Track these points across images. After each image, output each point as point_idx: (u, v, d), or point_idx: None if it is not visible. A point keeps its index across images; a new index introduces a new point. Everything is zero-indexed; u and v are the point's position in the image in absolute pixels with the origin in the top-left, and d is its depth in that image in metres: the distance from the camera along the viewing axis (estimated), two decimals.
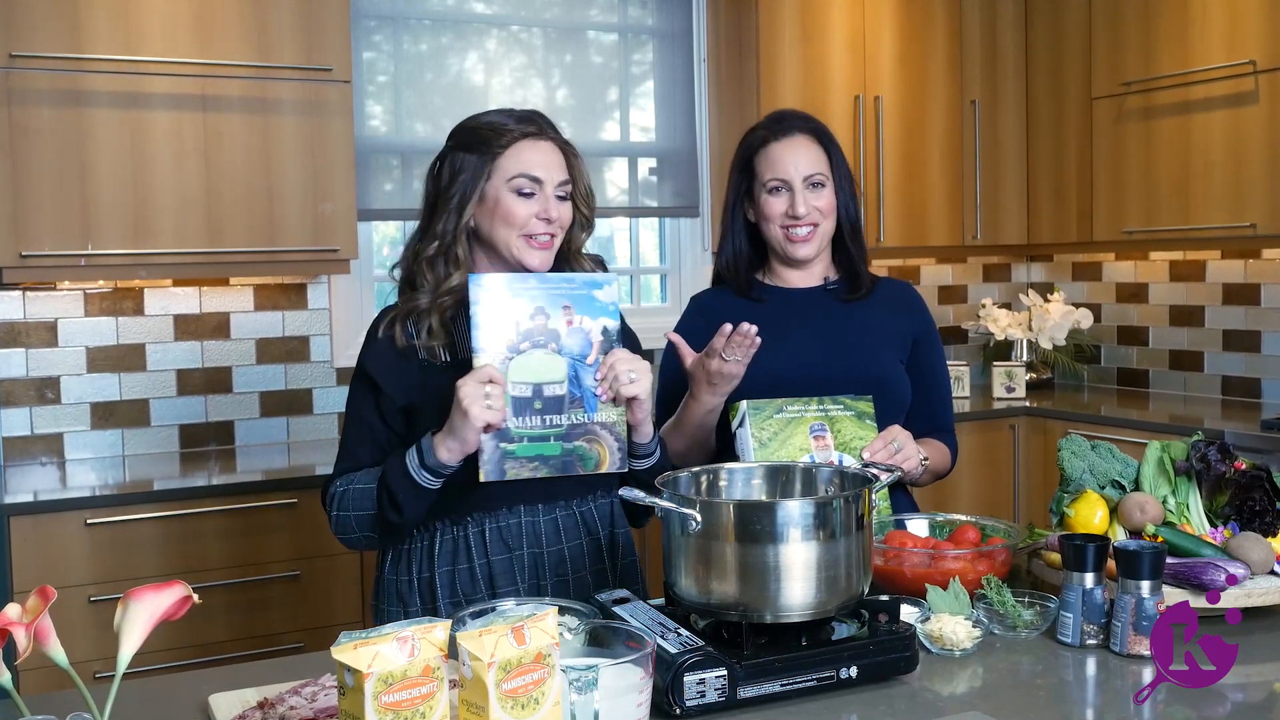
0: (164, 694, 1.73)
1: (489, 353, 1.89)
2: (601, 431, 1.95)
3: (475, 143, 2.05)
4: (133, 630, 1.24)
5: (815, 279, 2.46)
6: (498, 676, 1.26)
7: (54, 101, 3.32)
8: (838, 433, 2.21)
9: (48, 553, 3.12)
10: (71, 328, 3.73)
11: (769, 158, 2.39)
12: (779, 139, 2.39)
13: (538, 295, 1.92)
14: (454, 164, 2.06)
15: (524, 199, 2.03)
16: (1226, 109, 4.04)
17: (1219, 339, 4.57)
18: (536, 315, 1.92)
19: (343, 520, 2.05)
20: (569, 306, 1.94)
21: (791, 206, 2.36)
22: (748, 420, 2.20)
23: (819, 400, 2.23)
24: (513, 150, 2.04)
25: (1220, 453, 2.09)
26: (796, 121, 2.42)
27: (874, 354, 2.39)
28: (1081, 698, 1.69)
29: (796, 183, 2.36)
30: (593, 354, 1.94)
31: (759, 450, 2.18)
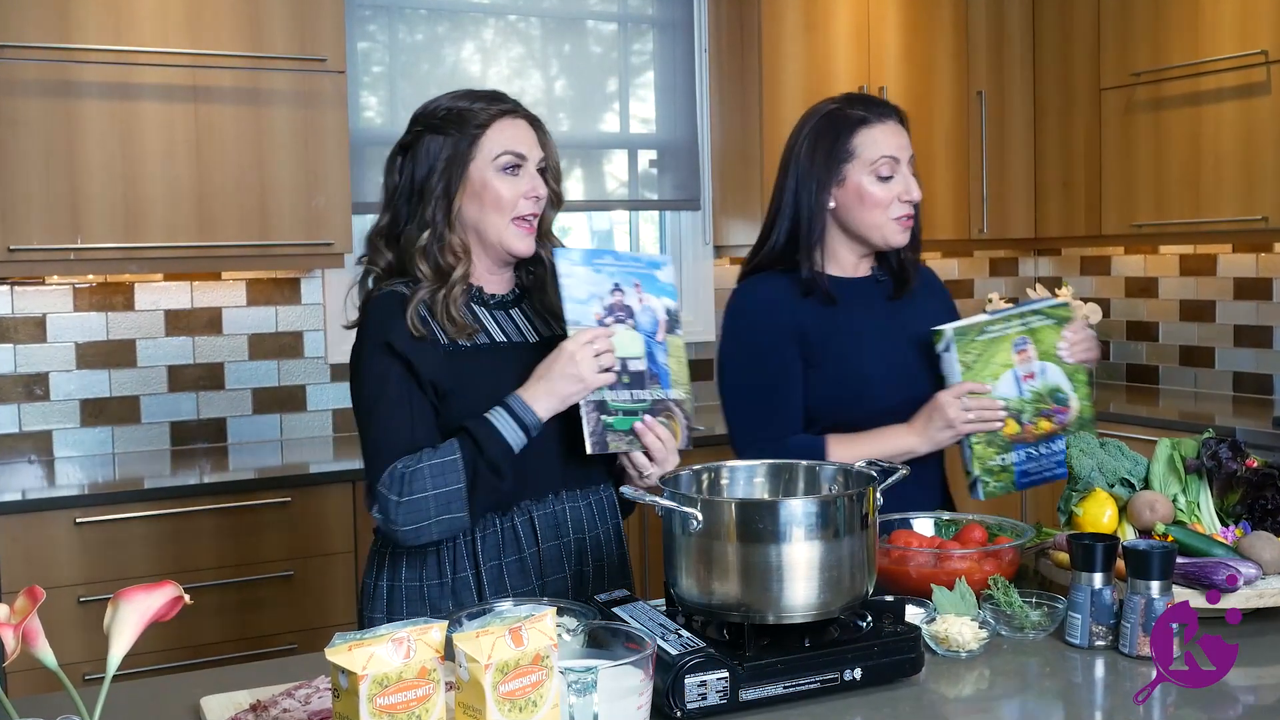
0: (155, 696, 1.73)
1: (581, 324, 1.97)
2: (675, 408, 2.04)
3: (448, 125, 2.03)
4: (123, 631, 1.24)
5: (865, 269, 2.44)
6: (495, 679, 1.26)
7: (42, 92, 3.31)
8: (1039, 342, 2.28)
9: (36, 552, 3.12)
10: (60, 323, 3.73)
11: (874, 138, 2.32)
12: (882, 120, 2.33)
13: (615, 271, 2.01)
14: (429, 150, 2.03)
15: (510, 179, 2.03)
16: (1238, 100, 4.04)
17: (1230, 334, 4.57)
18: (615, 291, 2.01)
19: (415, 505, 1.90)
20: (638, 284, 2.04)
21: (907, 190, 2.32)
22: (953, 346, 2.26)
23: (1019, 315, 2.27)
24: (494, 129, 2.03)
25: (1232, 450, 2.09)
26: (890, 106, 2.37)
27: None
28: (1090, 700, 1.69)
29: (905, 165, 2.33)
30: (660, 332, 2.04)
31: (965, 373, 2.26)
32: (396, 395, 1.96)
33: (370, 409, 1.97)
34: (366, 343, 2.00)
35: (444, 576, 2.03)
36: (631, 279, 2.03)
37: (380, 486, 1.92)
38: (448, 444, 1.93)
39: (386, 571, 2.07)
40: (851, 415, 2.33)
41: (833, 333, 2.33)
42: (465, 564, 2.03)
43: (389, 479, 1.91)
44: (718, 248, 4.67)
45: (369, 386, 1.98)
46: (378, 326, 1.99)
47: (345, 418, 4.09)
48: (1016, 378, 2.27)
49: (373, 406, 1.97)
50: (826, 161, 2.33)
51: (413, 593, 2.04)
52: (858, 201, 2.33)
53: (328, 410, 4.08)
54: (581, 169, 4.50)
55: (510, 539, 2.04)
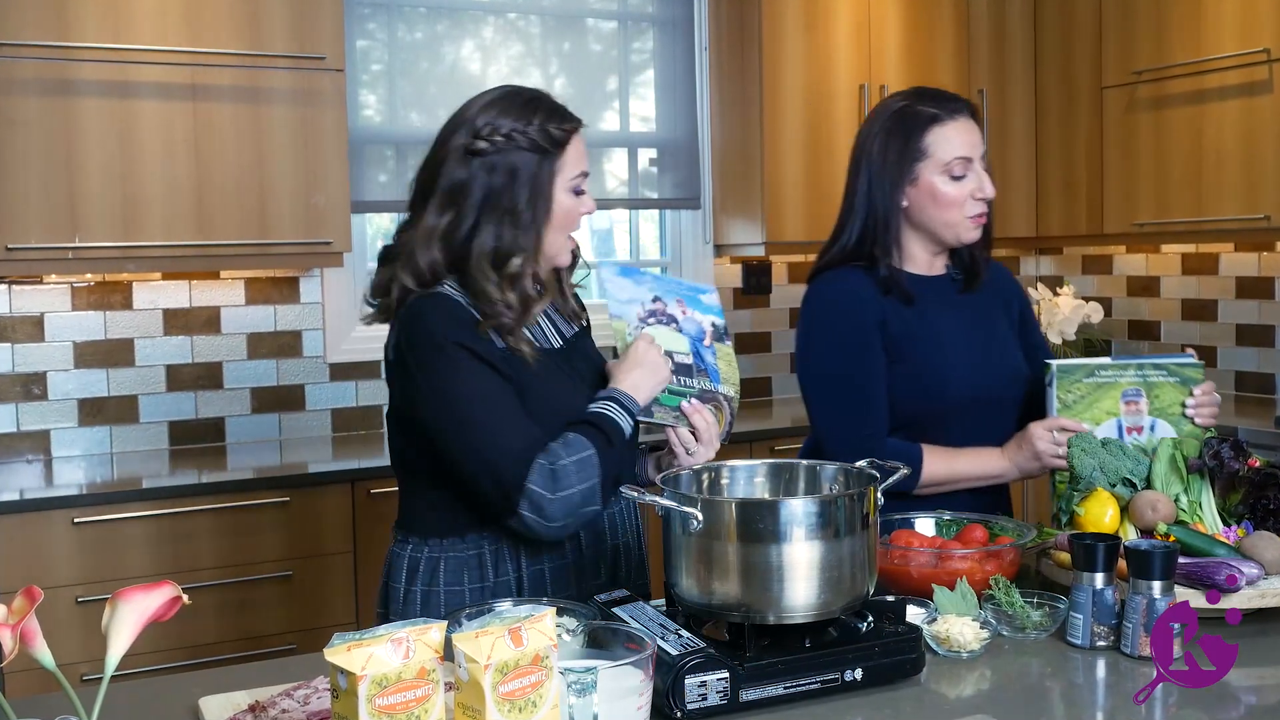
0: (153, 697, 1.72)
1: (625, 318, 2.05)
2: (724, 402, 2.12)
3: (536, 142, 1.96)
4: (121, 632, 1.24)
5: (940, 267, 2.43)
6: (494, 679, 1.25)
7: (40, 91, 3.31)
8: (1155, 398, 2.25)
9: (34, 552, 3.12)
10: (58, 322, 3.73)
11: (947, 136, 2.30)
12: (954, 118, 2.32)
13: (655, 287, 2.10)
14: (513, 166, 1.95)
15: (579, 199, 2.02)
16: (1240, 98, 4.03)
17: (1232, 333, 4.57)
18: (656, 300, 2.10)
19: (568, 501, 1.87)
20: (681, 301, 2.11)
21: (981, 187, 2.31)
22: (1054, 381, 2.25)
23: (1138, 365, 2.25)
24: (572, 145, 2.00)
25: (1234, 450, 2.09)
26: (961, 101, 2.36)
27: (1009, 344, 2.42)
28: (1092, 700, 1.69)
29: (978, 163, 2.32)
30: (707, 339, 2.12)
31: (1062, 411, 2.25)
32: (501, 394, 1.92)
33: (478, 410, 1.90)
34: (444, 346, 1.91)
35: (485, 580, 2.01)
36: (674, 295, 2.12)
37: (531, 485, 1.86)
38: (575, 439, 1.90)
39: (422, 575, 2.02)
40: (928, 411, 2.33)
41: (912, 329, 2.33)
42: (508, 566, 2.01)
43: (539, 477, 1.86)
44: (718, 247, 4.67)
45: (467, 386, 1.90)
46: (453, 330, 1.92)
47: (344, 417, 4.09)
48: (1120, 428, 2.24)
49: (482, 406, 1.90)
50: (899, 161, 2.32)
51: (453, 598, 2.00)
52: (931, 201, 2.32)
53: (326, 410, 4.08)
54: None
55: (555, 542, 2.01)
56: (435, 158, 2.00)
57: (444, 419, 1.91)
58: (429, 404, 1.92)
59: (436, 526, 2.03)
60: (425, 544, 2.04)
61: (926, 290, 2.37)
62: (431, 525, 2.03)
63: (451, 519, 2.01)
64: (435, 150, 2.01)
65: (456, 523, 2.01)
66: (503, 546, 2.01)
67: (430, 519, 2.04)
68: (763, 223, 4.35)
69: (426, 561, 2.03)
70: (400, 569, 2.06)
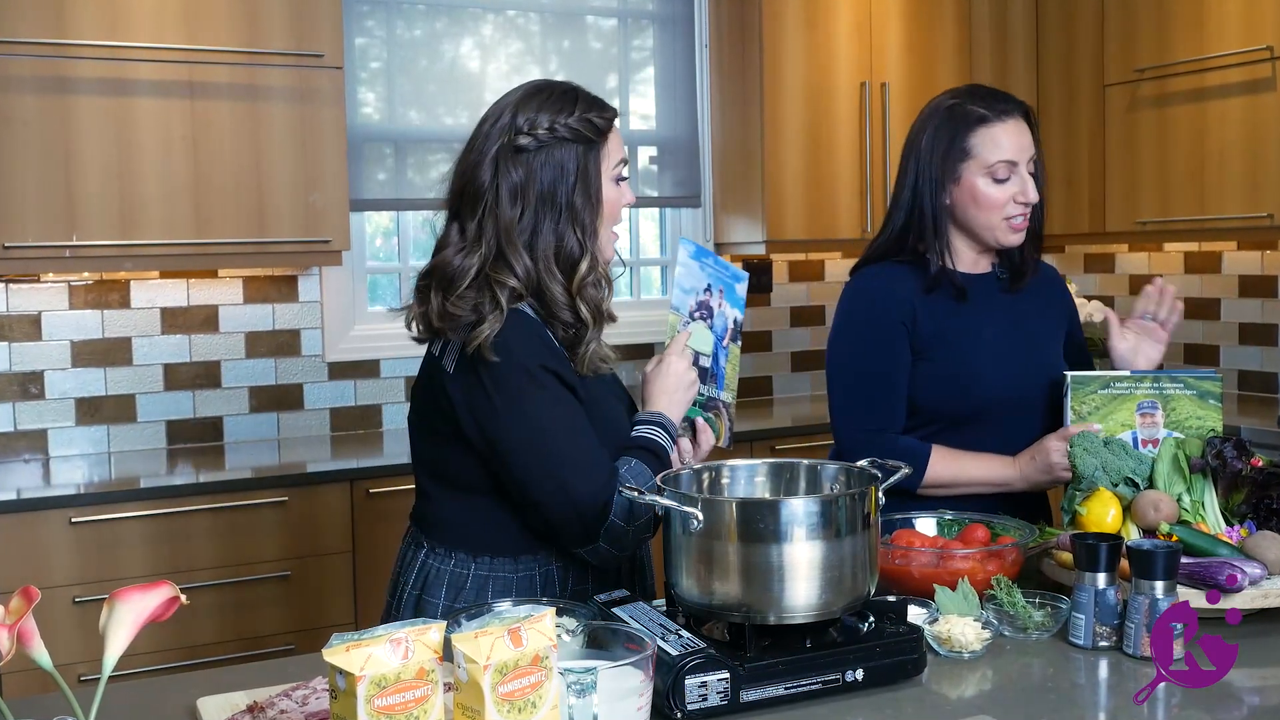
0: (151, 697, 1.72)
1: (680, 312, 2.08)
2: (723, 409, 2.14)
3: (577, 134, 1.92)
4: (119, 632, 1.24)
5: (985, 265, 2.42)
6: (494, 679, 1.25)
7: (37, 89, 3.31)
8: (1170, 411, 2.24)
9: (31, 552, 3.12)
10: (56, 321, 3.73)
11: (994, 138, 2.30)
12: (1003, 120, 2.32)
13: (712, 274, 2.12)
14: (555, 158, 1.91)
15: (621, 187, 2.00)
16: (1243, 96, 4.03)
17: (1235, 332, 4.57)
18: (707, 290, 2.10)
19: (641, 531, 1.89)
20: (721, 290, 2.12)
21: (1023, 192, 2.31)
22: (1069, 392, 2.25)
23: (1154, 377, 2.25)
24: (613, 134, 1.97)
25: (1236, 449, 2.09)
26: (1014, 102, 2.36)
27: (1052, 344, 2.41)
28: (1094, 701, 1.69)
29: (1024, 167, 2.32)
30: (726, 338, 2.14)
31: (1076, 422, 2.24)
32: (583, 422, 1.89)
33: (564, 441, 1.86)
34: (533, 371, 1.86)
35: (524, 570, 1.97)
36: (719, 284, 2.13)
37: (615, 519, 1.85)
38: (639, 468, 1.90)
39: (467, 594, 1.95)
40: (958, 408, 2.33)
41: (949, 325, 2.33)
42: (555, 589, 1.97)
43: (620, 510, 1.85)
44: (718, 245, 4.67)
45: (553, 416, 1.86)
46: (541, 354, 1.88)
47: (343, 416, 4.09)
48: (1135, 440, 2.24)
49: (568, 438, 1.86)
50: (944, 159, 2.32)
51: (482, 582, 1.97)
52: (971, 201, 2.32)
53: (325, 409, 4.08)
54: None
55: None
56: (471, 161, 1.94)
57: (524, 448, 1.86)
58: (510, 429, 1.86)
59: (487, 543, 1.97)
60: (474, 560, 1.97)
61: (971, 288, 2.38)
62: (481, 541, 1.97)
63: (506, 538, 1.96)
64: (469, 154, 1.95)
65: (510, 542, 1.96)
66: (553, 568, 1.98)
67: (480, 534, 1.97)
68: (763, 221, 4.34)
69: (474, 579, 1.96)
70: (440, 584, 1.98)
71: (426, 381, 2.00)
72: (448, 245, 1.94)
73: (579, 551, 1.91)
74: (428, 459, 2.04)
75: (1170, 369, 2.31)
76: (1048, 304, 2.46)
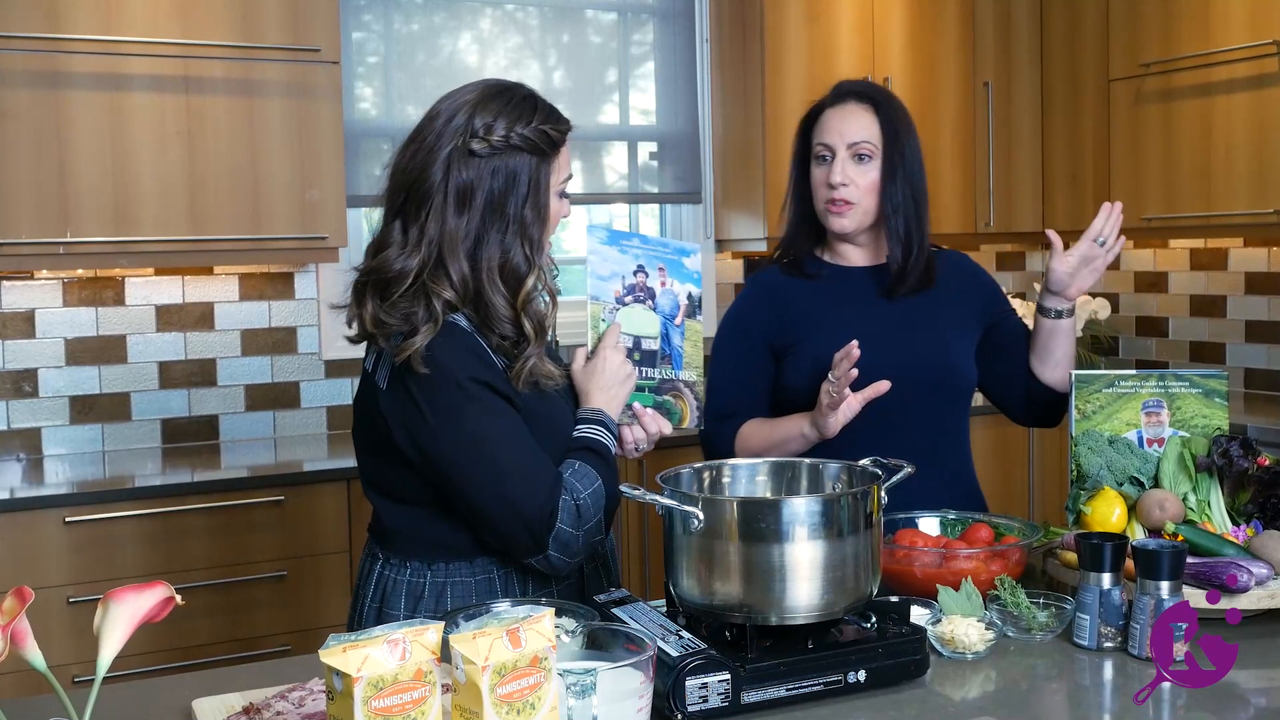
0: (145, 699, 1.72)
1: (600, 300, 2.03)
2: (685, 389, 2.11)
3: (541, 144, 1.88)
4: (113, 633, 1.24)
5: (877, 257, 2.43)
6: (492, 681, 1.25)
7: (31, 83, 3.31)
8: (1176, 409, 2.24)
9: (25, 552, 3.12)
10: (49, 318, 3.73)
11: (820, 124, 2.39)
12: (833, 105, 2.39)
13: (640, 254, 2.08)
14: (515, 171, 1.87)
15: (563, 202, 1.97)
16: (1249, 91, 4.03)
17: (1241, 330, 4.57)
18: (639, 272, 2.07)
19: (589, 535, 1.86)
20: (663, 269, 2.10)
21: (829, 174, 2.34)
22: (1072, 392, 2.25)
23: (1159, 375, 2.24)
24: (565, 149, 1.94)
25: (1243, 448, 2.09)
26: (856, 88, 2.40)
27: (939, 339, 2.39)
28: (1098, 702, 1.69)
29: (840, 150, 2.34)
30: (679, 316, 2.11)
31: (1080, 422, 2.23)
32: (520, 430, 1.85)
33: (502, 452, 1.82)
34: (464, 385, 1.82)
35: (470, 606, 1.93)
36: (657, 262, 2.09)
37: (561, 525, 1.82)
38: (584, 470, 1.87)
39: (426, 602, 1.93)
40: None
41: (813, 319, 2.38)
42: (516, 590, 1.95)
43: (567, 516, 1.83)
44: (719, 241, 4.67)
45: (489, 427, 1.83)
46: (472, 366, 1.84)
47: (339, 415, 4.09)
48: (1140, 439, 2.24)
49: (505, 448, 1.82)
50: (798, 151, 2.44)
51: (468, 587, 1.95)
52: (812, 187, 2.41)
53: (322, 407, 4.08)
54: (580, 161, 4.49)
55: None
56: (420, 161, 1.89)
57: (464, 461, 1.83)
58: (445, 444, 1.83)
59: (439, 550, 1.94)
60: (428, 568, 1.94)
61: (839, 281, 2.42)
62: (433, 548, 1.94)
63: (457, 543, 1.93)
64: (418, 151, 1.90)
65: (462, 547, 1.93)
66: (512, 569, 1.95)
67: (431, 542, 1.94)
68: (764, 217, 4.34)
69: (431, 586, 1.94)
70: (398, 595, 1.95)
71: (363, 396, 1.97)
72: (389, 245, 1.89)
73: (530, 562, 1.87)
74: (370, 473, 2.01)
75: (1176, 367, 2.31)
76: (957, 296, 2.44)
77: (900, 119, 2.37)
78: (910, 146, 2.37)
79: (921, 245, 2.37)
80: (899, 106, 2.40)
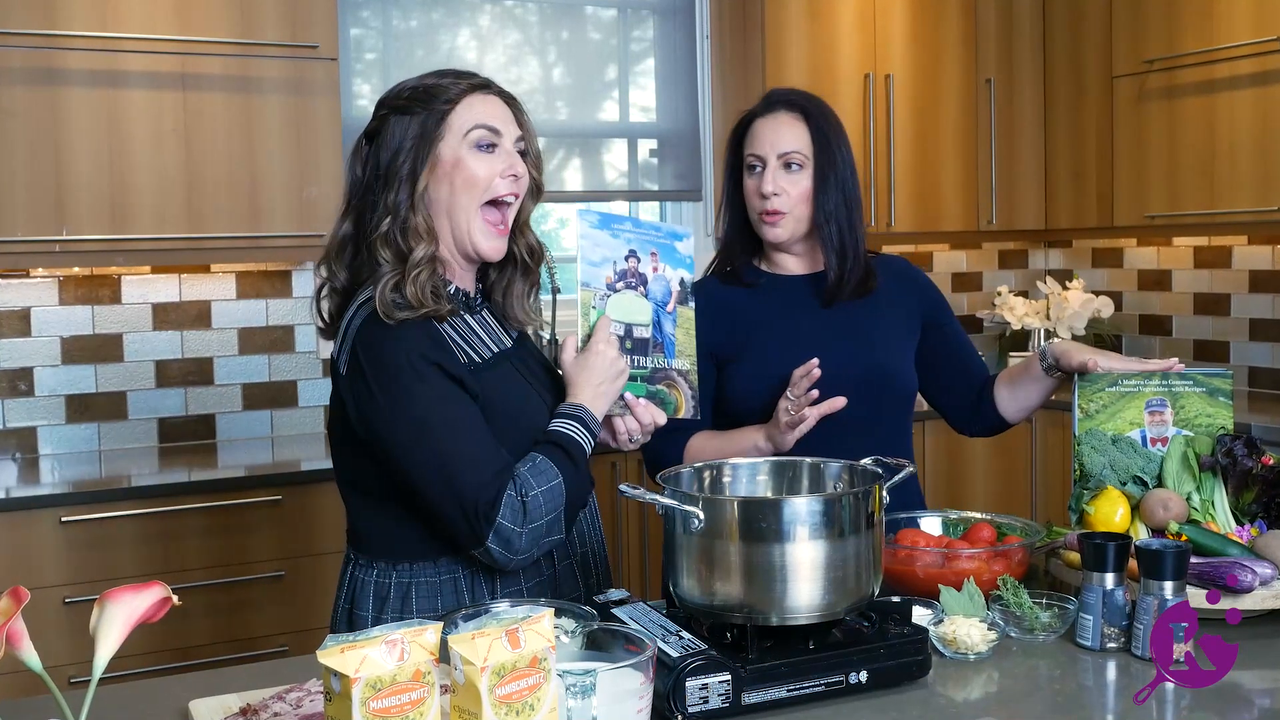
0: (142, 700, 1.72)
1: (592, 286, 2.00)
2: (678, 378, 2.09)
3: (416, 104, 1.91)
4: (109, 633, 1.24)
5: (814, 265, 2.44)
6: (491, 681, 1.25)
7: (27, 80, 3.31)
8: (1180, 408, 2.23)
9: (20, 552, 3.12)
10: (45, 317, 3.72)
11: (751, 134, 2.40)
12: (763, 115, 2.40)
13: (632, 238, 2.05)
14: (394, 133, 1.90)
15: (485, 155, 1.92)
16: (1253, 88, 4.03)
17: (1245, 328, 4.57)
18: (630, 257, 2.05)
19: (535, 533, 1.81)
20: (655, 254, 2.08)
21: (761, 184, 2.36)
22: (1076, 391, 2.25)
23: (1163, 374, 2.24)
24: (464, 104, 1.92)
25: (1247, 447, 2.09)
26: (786, 97, 2.41)
27: (878, 344, 2.39)
28: (1101, 703, 1.69)
29: (770, 160, 2.35)
30: (671, 303, 2.09)
31: (1083, 421, 2.23)
32: (469, 416, 1.83)
33: (446, 436, 1.81)
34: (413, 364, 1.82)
35: (462, 604, 1.91)
36: (649, 247, 2.07)
37: (502, 520, 1.78)
38: (543, 465, 1.83)
39: (392, 603, 1.93)
40: (763, 408, 2.33)
41: (753, 328, 2.39)
42: (484, 590, 1.93)
43: (509, 511, 1.79)
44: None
45: (435, 410, 1.81)
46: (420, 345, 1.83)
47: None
48: (1144, 439, 2.24)
49: (450, 432, 1.81)
50: (730, 161, 2.45)
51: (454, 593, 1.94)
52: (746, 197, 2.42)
53: (319, 406, 4.08)
54: (580, 158, 4.49)
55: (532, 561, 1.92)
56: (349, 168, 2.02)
57: (410, 445, 1.82)
58: (393, 427, 1.82)
59: (404, 550, 1.93)
60: (393, 569, 1.93)
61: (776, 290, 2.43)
62: (398, 548, 1.93)
63: (420, 542, 1.92)
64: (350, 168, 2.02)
65: (427, 546, 1.91)
66: (479, 571, 1.93)
67: (397, 542, 1.93)
68: None
69: (396, 587, 1.93)
70: (366, 596, 1.95)
71: (333, 390, 1.98)
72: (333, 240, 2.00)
73: (474, 553, 1.84)
74: (342, 471, 2.01)
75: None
76: (897, 298, 2.45)
77: (831, 127, 2.38)
78: (842, 154, 2.37)
79: (857, 252, 2.38)
80: (830, 115, 2.40)
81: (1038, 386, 2.39)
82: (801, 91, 2.46)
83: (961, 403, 2.49)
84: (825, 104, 2.43)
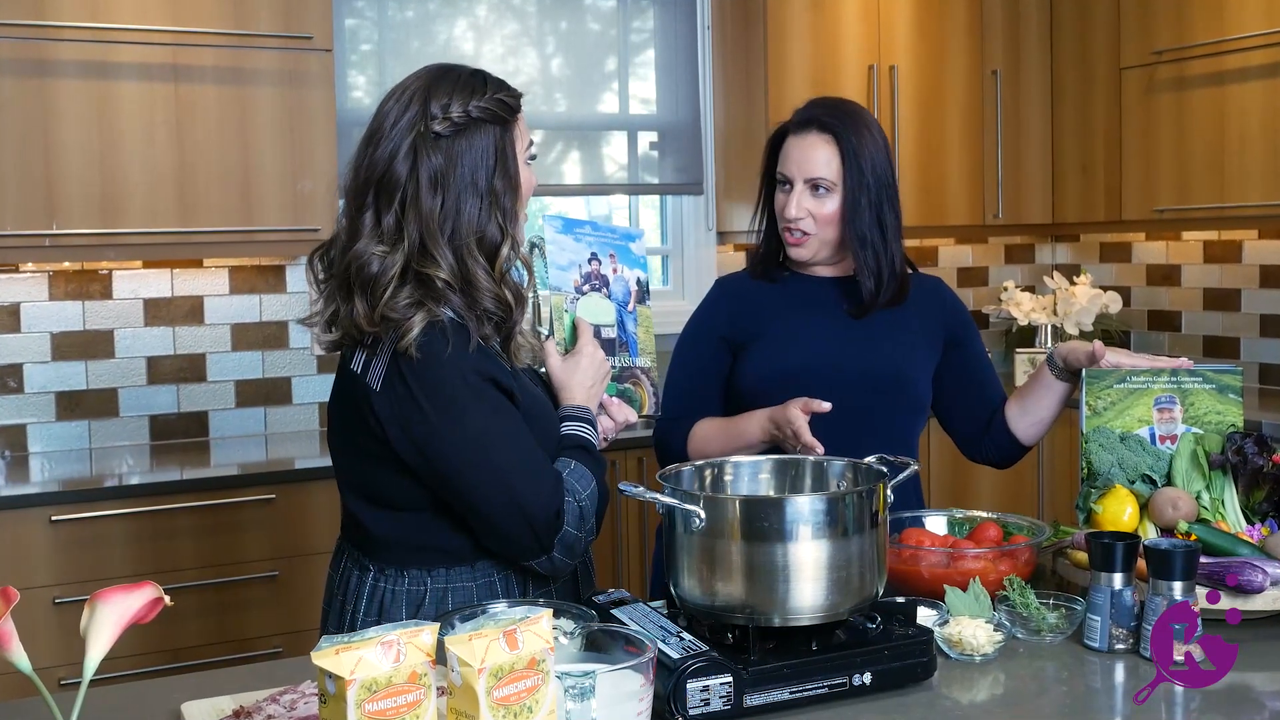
0: (134, 702, 1.73)
1: (562, 290, 2.07)
2: (642, 376, 2.16)
3: (500, 113, 1.89)
4: (100, 634, 1.24)
5: (844, 270, 2.44)
6: (488, 683, 1.25)
7: (16, 72, 3.31)
8: (1189, 406, 2.23)
9: (10, 552, 3.12)
10: (35, 312, 3.72)
11: (784, 151, 2.42)
12: (796, 133, 2.41)
13: (593, 241, 2.12)
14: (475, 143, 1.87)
15: (529, 169, 1.97)
16: (1264, 79, 4.03)
17: (1256, 324, 4.57)
18: (593, 260, 2.11)
19: (592, 534, 1.90)
20: (613, 255, 2.13)
21: (787, 205, 2.37)
22: (1084, 388, 2.25)
23: (1172, 371, 2.24)
24: (520, 117, 1.95)
25: (1257, 445, 2.09)
26: (819, 116, 2.39)
27: (898, 351, 2.40)
28: (1109, 705, 1.69)
29: (798, 183, 2.37)
30: (631, 302, 2.15)
31: (1092, 418, 2.23)
32: (522, 428, 1.86)
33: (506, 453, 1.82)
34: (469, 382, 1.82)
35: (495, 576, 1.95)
36: (607, 249, 2.14)
37: (568, 528, 1.84)
38: (580, 470, 1.89)
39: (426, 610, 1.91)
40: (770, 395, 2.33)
41: (770, 317, 2.42)
42: (515, 591, 1.94)
43: (572, 518, 1.85)
44: (721, 233, 4.67)
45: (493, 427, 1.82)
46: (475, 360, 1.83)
47: None
48: (1153, 436, 2.24)
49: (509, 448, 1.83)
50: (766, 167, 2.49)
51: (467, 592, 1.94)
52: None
53: (314, 404, 4.08)
54: (579, 151, 4.49)
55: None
56: (384, 153, 1.87)
57: (469, 463, 1.82)
58: (451, 443, 1.82)
59: (439, 556, 1.92)
60: (428, 575, 1.92)
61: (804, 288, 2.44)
62: (433, 555, 1.92)
63: (456, 548, 1.92)
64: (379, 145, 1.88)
65: (462, 551, 1.91)
66: (512, 573, 1.94)
67: (430, 549, 1.92)
68: None
69: (432, 594, 1.92)
70: (398, 606, 1.93)
71: (346, 400, 1.94)
72: (359, 238, 1.87)
73: (531, 564, 1.87)
74: (356, 481, 1.99)
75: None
76: (924, 310, 2.46)
77: (865, 146, 2.34)
78: (875, 175, 2.34)
79: (893, 270, 2.38)
80: (865, 132, 2.36)
81: (1050, 395, 2.39)
82: (839, 106, 2.42)
83: (973, 425, 2.50)
84: (863, 117, 2.40)
